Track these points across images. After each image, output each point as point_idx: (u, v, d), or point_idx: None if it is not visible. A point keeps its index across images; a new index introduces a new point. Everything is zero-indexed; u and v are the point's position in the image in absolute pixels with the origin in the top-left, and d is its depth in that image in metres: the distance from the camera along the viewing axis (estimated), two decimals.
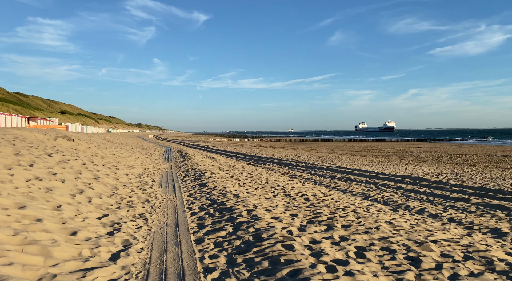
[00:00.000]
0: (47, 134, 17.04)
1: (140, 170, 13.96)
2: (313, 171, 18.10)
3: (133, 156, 20.10)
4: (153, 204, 7.77)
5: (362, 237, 5.33)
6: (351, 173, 17.08)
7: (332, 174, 16.66)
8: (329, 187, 12.81)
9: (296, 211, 7.21)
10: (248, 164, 22.24)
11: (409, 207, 9.08)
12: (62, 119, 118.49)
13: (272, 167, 20.43)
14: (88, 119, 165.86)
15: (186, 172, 15.28)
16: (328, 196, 10.28)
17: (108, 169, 11.58)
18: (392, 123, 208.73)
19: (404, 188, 12.40)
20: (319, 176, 16.13)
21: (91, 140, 25.43)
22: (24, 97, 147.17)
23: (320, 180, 14.68)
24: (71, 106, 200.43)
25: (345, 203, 9.17)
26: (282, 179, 14.21)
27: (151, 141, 62.99)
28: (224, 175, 14.03)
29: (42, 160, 9.24)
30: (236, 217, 6.43)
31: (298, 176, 15.89)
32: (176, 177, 13.46)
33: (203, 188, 10.41)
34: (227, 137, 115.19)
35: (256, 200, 8.37)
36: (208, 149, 40.29)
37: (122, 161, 15.48)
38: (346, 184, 13.57)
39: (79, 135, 29.81)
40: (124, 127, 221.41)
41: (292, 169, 19.33)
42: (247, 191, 10.09)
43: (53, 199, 6.07)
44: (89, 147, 16.63)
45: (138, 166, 15.45)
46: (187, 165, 18.21)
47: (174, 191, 9.98)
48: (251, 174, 15.44)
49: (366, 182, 14.06)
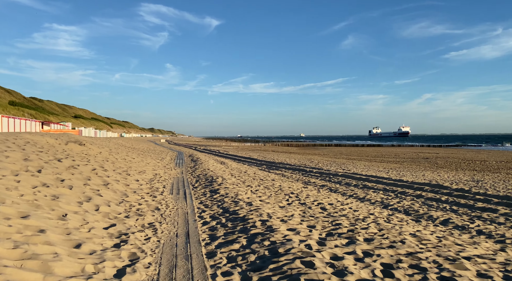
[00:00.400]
0: (59, 139, 16.97)
1: (151, 175, 13.71)
2: (327, 178, 17.61)
3: (144, 160, 19.94)
4: (163, 212, 7.46)
5: (388, 253, 4.90)
6: (367, 180, 16.55)
7: (348, 181, 16.16)
8: (346, 194, 12.33)
9: (313, 221, 6.80)
10: (260, 170, 21.86)
11: (432, 217, 8.57)
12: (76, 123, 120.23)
13: (285, 173, 20.00)
14: (101, 123, 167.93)
15: (197, 177, 14.98)
16: (346, 204, 9.82)
17: (118, 174, 11.35)
18: (407, 128, 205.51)
19: (425, 196, 11.86)
20: (335, 183, 15.65)
21: (103, 145, 25.41)
22: (39, 102, 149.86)
23: (335, 187, 14.21)
24: (85, 111, 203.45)
25: (364, 212, 8.72)
26: (296, 186, 13.79)
27: (163, 145, 63.19)
28: (236, 181, 13.68)
29: (51, 165, 9.04)
30: (249, 228, 6.06)
31: (312, 183, 15.44)
32: (187, 182, 13.16)
33: (215, 195, 10.07)
34: (238, 142, 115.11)
35: (270, 209, 7.98)
36: (219, 154, 40.07)
37: (133, 166, 15.27)
38: (363, 191, 13.08)
39: (91, 139, 29.88)
40: (137, 132, 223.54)
41: (305, 175, 18.88)
42: (260, 198, 9.71)
43: (59, 207, 5.80)
44: (100, 152, 16.49)
45: (149, 171, 15.22)
46: (198, 170, 17.93)
47: (185, 198, 9.66)
48: (264, 180, 15.05)
49: (384, 190, 13.53)
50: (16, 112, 65.95)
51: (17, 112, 66.77)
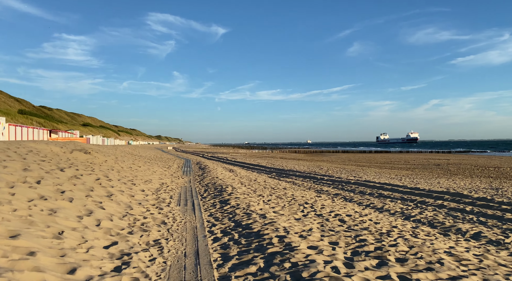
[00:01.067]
0: (64, 147, 16.56)
1: (157, 185, 13.17)
2: (340, 186, 16.93)
3: (151, 169, 19.44)
4: (170, 226, 6.88)
5: (427, 277, 4.26)
6: (382, 188, 15.84)
7: (362, 189, 15.46)
8: (362, 204, 11.66)
9: (334, 237, 6.17)
10: (270, 177, 21.23)
11: (461, 231, 7.88)
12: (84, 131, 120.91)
13: (296, 181, 19.35)
14: (109, 131, 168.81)
15: (206, 186, 14.41)
16: (365, 216, 9.16)
17: (123, 184, 10.82)
18: (416, 134, 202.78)
19: (447, 206, 11.14)
20: (348, 191, 14.97)
21: (109, 153, 24.99)
22: (48, 111, 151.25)
23: (350, 196, 13.53)
24: (93, 119, 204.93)
25: (386, 225, 8.06)
26: (309, 195, 13.14)
27: (170, 152, 62.84)
28: (247, 190, 13.08)
29: (52, 175, 8.53)
30: (266, 246, 5.45)
31: (325, 191, 14.78)
32: (196, 192, 12.59)
33: (225, 206, 9.48)
34: (246, 149, 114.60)
35: (286, 222, 7.37)
36: (227, 161, 39.51)
37: (139, 175, 14.76)
38: (380, 201, 12.39)
39: (98, 147, 29.52)
40: (144, 139, 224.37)
41: (317, 183, 18.21)
42: (274, 209, 9.10)
43: (55, 223, 5.25)
44: (105, 160, 16.02)
45: (156, 180, 14.69)
46: (206, 179, 17.36)
47: (194, 209, 9.08)
48: (275, 189, 14.43)
49: (401, 199, 12.83)
50: (25, 121, 66.22)
51: (25, 120, 67.04)
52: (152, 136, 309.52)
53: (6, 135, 33.06)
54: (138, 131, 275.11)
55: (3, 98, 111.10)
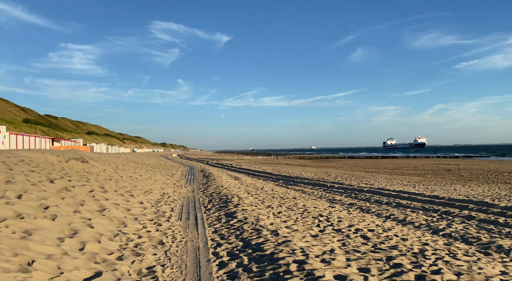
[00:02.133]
0: (61, 156, 15.72)
1: (158, 196, 12.24)
2: (353, 194, 15.89)
3: (153, 177, 18.53)
4: (169, 248, 5.92)
5: None
6: (398, 196, 14.79)
7: (377, 198, 14.42)
8: (381, 215, 10.63)
9: (363, 261, 5.18)
10: (277, 185, 20.24)
11: (503, 249, 6.84)
12: (88, 140, 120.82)
13: (305, 189, 18.34)
14: (114, 139, 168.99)
15: (210, 196, 13.46)
16: (388, 230, 8.15)
17: (120, 196, 9.90)
18: (423, 139, 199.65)
19: (476, 217, 10.08)
20: (363, 200, 13.94)
21: (110, 161, 24.15)
22: (53, 119, 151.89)
23: (366, 206, 12.51)
24: (98, 127, 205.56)
25: (415, 242, 7.05)
26: (322, 205, 12.15)
27: (175, 160, 62.04)
28: (254, 200, 12.11)
29: (38, 188, 7.63)
30: (283, 275, 4.48)
31: (338, 201, 13.76)
32: (199, 203, 11.64)
33: (231, 220, 8.51)
34: (250, 155, 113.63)
35: (302, 241, 6.39)
36: (232, 168, 38.56)
37: (139, 184, 13.84)
38: (400, 211, 11.35)
39: (99, 156, 28.71)
40: (149, 147, 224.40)
41: (328, 191, 17.18)
42: (286, 224, 8.12)
43: (27, 250, 4.33)
44: (104, 169, 15.14)
45: (157, 190, 13.77)
46: (211, 188, 16.41)
47: (196, 224, 8.12)
48: (284, 198, 13.44)
49: (423, 209, 11.78)
50: (28, 130, 65.85)
51: (29, 129, 66.69)
52: (157, 143, 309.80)
53: (7, 144, 32.40)
54: (143, 139, 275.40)
55: (8, 108, 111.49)
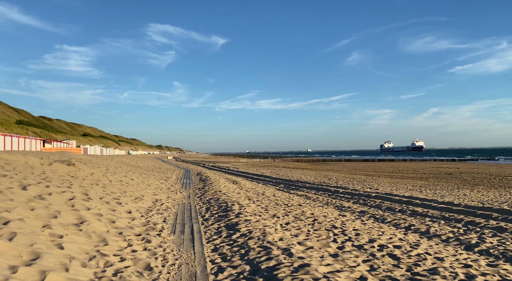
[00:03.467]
0: (45, 158, 14.46)
1: (149, 203, 11.02)
2: (361, 200, 14.76)
3: (145, 181, 17.28)
4: (157, 275, 4.72)
5: None
6: (410, 203, 13.67)
7: (388, 205, 13.29)
8: (399, 226, 9.48)
9: None
10: (279, 190, 19.07)
11: None
12: (83, 141, 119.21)
13: (308, 194, 17.18)
14: (109, 141, 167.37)
15: (208, 203, 12.26)
16: (416, 246, 7.01)
17: (105, 204, 8.68)
18: (421, 142, 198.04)
19: (508, 229, 8.96)
20: (373, 208, 12.80)
21: (101, 163, 22.88)
22: (48, 121, 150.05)
23: (379, 214, 11.36)
24: (93, 129, 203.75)
25: (454, 263, 5.91)
26: (331, 213, 11.00)
27: (170, 162, 60.70)
28: (256, 208, 10.92)
29: (4, 196, 6.42)
30: None
31: (347, 208, 12.60)
32: (195, 212, 10.43)
33: (234, 233, 7.33)
34: (247, 158, 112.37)
35: (322, 263, 5.23)
36: (229, 171, 37.34)
37: (129, 190, 12.62)
38: (418, 221, 10.22)
39: (89, 158, 27.39)
40: (144, 149, 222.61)
41: (333, 197, 16.04)
42: (297, 239, 6.95)
43: None
44: (91, 173, 13.90)
45: (149, 196, 12.55)
46: (208, 193, 15.21)
47: (192, 240, 6.92)
48: (289, 205, 12.28)
49: (443, 218, 10.65)
50: (20, 131, 64.27)
51: (20, 130, 65.11)
52: (152, 146, 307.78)
53: None
54: (139, 141, 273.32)
55: (2, 109, 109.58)
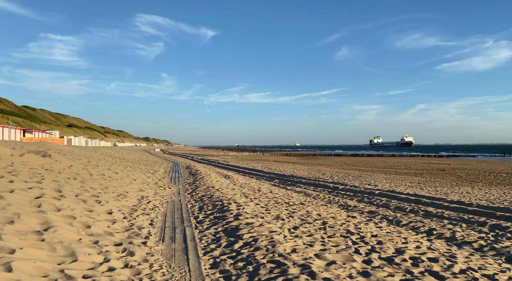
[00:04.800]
0: (17, 149, 12.96)
1: (134, 201, 9.71)
2: (365, 198, 13.69)
3: (131, 175, 15.90)
4: None
5: None
6: (419, 202, 12.66)
7: (396, 204, 12.23)
8: (419, 230, 8.39)
9: None
10: (274, 186, 17.91)
11: None
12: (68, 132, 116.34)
13: (307, 191, 16.06)
14: (95, 132, 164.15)
15: (201, 201, 10.99)
16: (453, 259, 5.89)
17: (81, 203, 7.34)
18: (410, 138, 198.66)
19: None
20: (381, 207, 11.73)
21: (83, 155, 21.33)
22: (32, 111, 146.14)
23: (391, 215, 10.27)
24: (79, 120, 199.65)
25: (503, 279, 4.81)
26: (339, 214, 9.86)
27: (158, 155, 59.02)
28: (256, 208, 9.70)
29: None
30: None
31: (354, 208, 11.49)
32: (187, 212, 9.15)
33: (235, 241, 6.09)
34: (236, 152, 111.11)
35: None
36: (219, 165, 36.03)
37: (112, 185, 11.25)
38: (436, 223, 9.16)
39: (71, 149, 25.77)
40: (131, 141, 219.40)
41: (334, 194, 14.94)
42: (313, 249, 5.76)
43: None
44: (70, 165, 12.47)
45: (134, 192, 11.22)
46: (200, 189, 13.94)
47: (186, 251, 5.65)
48: (290, 204, 11.11)
49: (463, 220, 9.62)
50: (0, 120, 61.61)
51: (0, 120, 62.44)
52: (140, 138, 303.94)
53: None
54: (126, 133, 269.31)
55: None
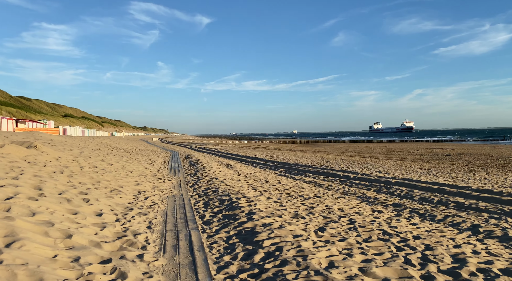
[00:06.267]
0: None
1: (130, 197, 8.49)
2: (383, 188, 12.54)
3: (127, 167, 14.66)
4: None
5: None
6: (442, 191, 11.53)
7: (419, 194, 11.07)
8: (461, 227, 7.22)
9: None
10: (281, 175, 16.74)
11: None
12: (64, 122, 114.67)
13: (317, 180, 14.90)
14: (92, 122, 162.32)
15: (205, 195, 9.80)
16: None
17: (65, 202, 6.12)
18: (411, 123, 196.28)
19: None
20: (405, 198, 10.57)
21: (76, 145, 20.02)
22: (27, 101, 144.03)
23: (420, 208, 9.10)
24: (75, 110, 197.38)
25: None
26: (362, 209, 8.70)
27: (156, 144, 57.73)
28: (269, 203, 8.51)
29: None
30: None
31: (374, 200, 10.32)
32: (191, 210, 7.95)
33: (254, 251, 4.90)
34: (234, 140, 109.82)
35: None
36: (219, 154, 34.82)
37: (105, 178, 10.02)
38: (476, 218, 8.00)
39: (63, 139, 24.44)
40: (129, 131, 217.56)
41: (347, 184, 13.78)
42: (353, 259, 4.58)
43: None
44: (58, 157, 11.22)
45: (130, 186, 10.00)
46: (202, 180, 12.74)
47: (194, 267, 4.44)
48: (305, 197, 9.93)
49: (505, 213, 8.47)
50: None
51: None
52: (137, 127, 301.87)
53: None
54: (123, 122, 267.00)
55: None
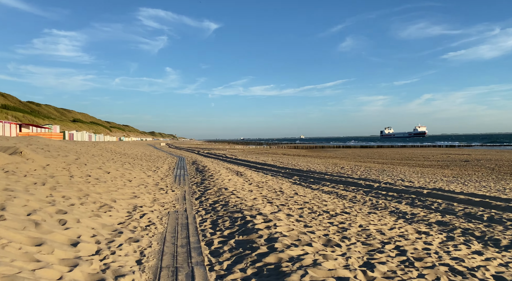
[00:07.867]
0: None
1: (122, 214, 7.03)
2: (416, 200, 10.93)
3: (127, 175, 13.24)
4: None
5: None
6: (487, 205, 9.91)
7: (461, 208, 9.45)
8: None
9: None
10: (295, 184, 15.20)
11: None
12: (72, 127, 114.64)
13: (338, 190, 13.33)
14: (100, 127, 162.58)
15: (213, 211, 8.30)
16: None
17: (30, 227, 4.67)
18: (423, 128, 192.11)
19: None
20: (448, 215, 8.96)
21: (74, 151, 18.71)
22: (36, 106, 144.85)
23: (473, 228, 7.50)
24: (84, 115, 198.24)
25: None
26: (404, 230, 7.14)
27: (163, 149, 56.56)
28: (290, 222, 6.98)
29: None
30: None
31: (413, 217, 8.72)
32: (196, 233, 6.44)
33: None
34: (242, 145, 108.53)
35: None
36: (227, 159, 33.36)
37: (96, 190, 8.58)
38: None
39: (63, 144, 23.18)
40: (137, 136, 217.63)
41: (373, 195, 12.19)
42: None
43: None
44: (46, 164, 9.83)
45: (125, 199, 8.54)
46: (210, 191, 11.26)
47: None
48: (332, 214, 8.38)
49: None
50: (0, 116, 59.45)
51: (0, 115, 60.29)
52: (145, 132, 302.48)
53: None
54: (131, 127, 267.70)
55: None
